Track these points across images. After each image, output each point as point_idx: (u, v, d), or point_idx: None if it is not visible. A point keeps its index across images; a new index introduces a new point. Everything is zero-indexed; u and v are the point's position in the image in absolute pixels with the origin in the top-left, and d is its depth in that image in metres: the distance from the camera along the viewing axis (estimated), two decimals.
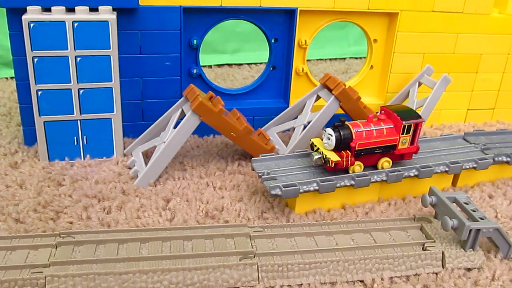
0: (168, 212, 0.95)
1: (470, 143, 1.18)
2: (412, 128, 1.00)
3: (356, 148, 0.97)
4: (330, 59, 2.20)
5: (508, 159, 1.12)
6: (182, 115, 1.10)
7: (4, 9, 1.06)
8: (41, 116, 1.08)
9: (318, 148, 1.00)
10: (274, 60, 1.33)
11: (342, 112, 1.20)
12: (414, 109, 1.14)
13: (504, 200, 1.07)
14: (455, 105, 1.50)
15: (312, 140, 1.03)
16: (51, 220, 0.91)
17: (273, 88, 1.37)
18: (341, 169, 0.98)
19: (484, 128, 1.49)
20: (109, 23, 1.04)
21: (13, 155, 1.15)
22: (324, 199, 0.99)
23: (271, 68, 1.34)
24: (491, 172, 1.14)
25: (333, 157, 0.96)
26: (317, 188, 0.94)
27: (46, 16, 1.01)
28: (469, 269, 0.84)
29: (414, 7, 1.32)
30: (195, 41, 1.24)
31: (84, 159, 1.14)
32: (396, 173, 1.01)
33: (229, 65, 2.07)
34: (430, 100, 1.27)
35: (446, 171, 1.06)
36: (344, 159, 0.96)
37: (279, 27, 1.29)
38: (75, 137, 1.12)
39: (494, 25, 1.42)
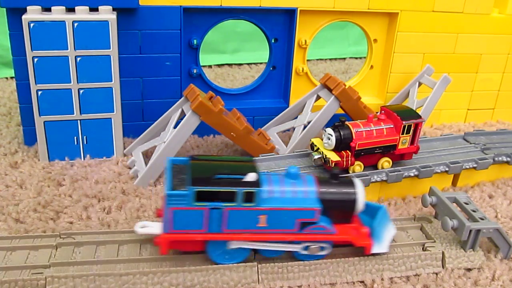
0: None
1: (470, 143, 1.18)
2: (412, 128, 1.00)
3: (356, 148, 0.97)
4: (330, 59, 2.20)
5: (508, 159, 1.12)
6: (182, 115, 1.10)
7: (4, 9, 1.06)
8: (41, 116, 1.08)
9: (318, 148, 1.00)
10: (274, 60, 1.33)
11: (342, 112, 1.20)
12: (414, 109, 1.14)
13: (504, 200, 1.07)
14: (455, 105, 1.50)
15: (312, 140, 1.03)
16: (51, 220, 0.91)
17: (273, 88, 1.37)
18: (341, 169, 0.98)
19: (484, 128, 1.49)
20: (109, 23, 1.04)
21: (13, 155, 1.15)
22: None
23: (271, 68, 1.34)
24: (491, 172, 1.14)
25: (333, 157, 0.96)
26: None
27: (46, 16, 1.01)
28: (469, 269, 0.84)
29: (414, 7, 1.32)
30: (195, 41, 1.24)
31: (84, 159, 1.14)
32: (396, 173, 1.01)
33: (229, 65, 2.07)
34: (430, 100, 1.27)
35: (446, 171, 1.06)
36: (344, 159, 0.96)
37: (279, 27, 1.29)
38: (75, 137, 1.12)
39: (494, 25, 1.42)
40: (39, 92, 1.06)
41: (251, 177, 0.72)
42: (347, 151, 0.97)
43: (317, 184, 0.78)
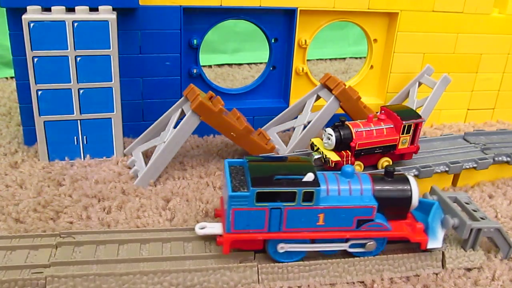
0: (168, 212, 0.95)
1: (470, 143, 1.18)
2: (412, 128, 1.00)
3: (356, 148, 0.97)
4: (330, 59, 2.20)
5: (508, 159, 1.12)
6: (182, 115, 1.10)
7: (4, 9, 1.06)
8: (41, 116, 1.08)
9: (318, 148, 1.00)
10: (274, 60, 1.33)
11: (342, 112, 1.20)
12: (414, 109, 1.14)
13: (504, 200, 1.07)
14: (455, 105, 1.50)
15: (312, 140, 1.03)
16: (51, 220, 0.91)
17: (273, 88, 1.37)
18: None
19: (484, 128, 1.49)
20: (109, 23, 1.04)
21: (13, 155, 1.15)
22: None
23: (271, 68, 1.34)
24: (491, 172, 1.14)
25: (333, 157, 0.96)
26: None
27: (46, 16, 1.01)
28: (469, 269, 0.84)
29: (414, 7, 1.32)
30: (195, 41, 1.24)
31: (84, 159, 1.14)
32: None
33: (229, 65, 2.07)
34: (430, 100, 1.27)
35: (446, 171, 1.06)
36: (344, 159, 0.96)
37: (279, 27, 1.29)
38: (75, 137, 1.12)
39: (494, 25, 1.42)
40: (39, 92, 1.06)
41: (308, 177, 0.74)
42: (347, 151, 0.97)
43: (372, 182, 0.80)
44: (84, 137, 1.13)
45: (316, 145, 1.01)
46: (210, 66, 2.01)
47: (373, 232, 0.79)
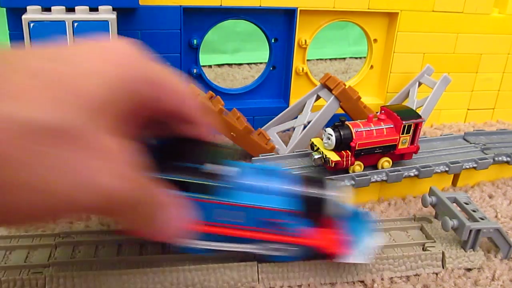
0: None
1: (470, 143, 1.18)
2: (412, 128, 1.00)
3: (356, 148, 0.97)
4: (330, 59, 2.20)
5: (508, 159, 1.12)
6: None
7: (4, 9, 1.06)
8: None
9: (318, 148, 1.00)
10: (274, 60, 1.33)
11: (342, 112, 1.20)
12: (414, 109, 1.14)
13: (504, 200, 1.07)
14: (455, 105, 1.50)
15: (312, 140, 1.03)
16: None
17: (273, 88, 1.37)
18: (341, 169, 0.98)
19: (484, 128, 1.49)
20: (109, 23, 1.04)
21: None
22: None
23: (271, 68, 1.34)
24: (491, 172, 1.14)
25: (333, 157, 0.96)
26: None
27: (46, 16, 1.01)
28: (469, 269, 0.84)
29: (414, 7, 1.32)
30: (195, 41, 1.24)
31: None
32: (396, 173, 1.01)
33: (229, 65, 2.07)
34: (430, 100, 1.27)
35: (446, 171, 1.06)
36: (344, 159, 0.96)
37: (279, 27, 1.29)
38: None
39: (494, 25, 1.42)
40: None
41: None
42: (347, 151, 0.97)
43: (291, 183, 0.74)
44: None
45: (316, 145, 1.01)
46: (210, 66, 2.01)
47: (280, 236, 0.73)
